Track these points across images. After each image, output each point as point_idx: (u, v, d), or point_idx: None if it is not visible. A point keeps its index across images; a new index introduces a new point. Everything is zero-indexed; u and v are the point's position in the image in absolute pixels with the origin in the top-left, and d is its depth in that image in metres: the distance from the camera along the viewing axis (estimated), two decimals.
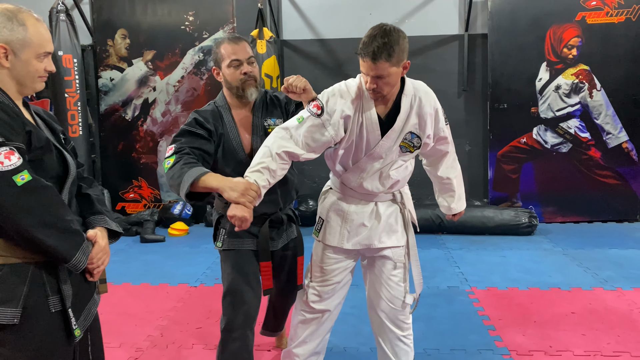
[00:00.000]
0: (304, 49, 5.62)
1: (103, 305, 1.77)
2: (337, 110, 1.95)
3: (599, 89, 5.25)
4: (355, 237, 2.13)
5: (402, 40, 1.87)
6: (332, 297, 2.23)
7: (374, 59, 1.82)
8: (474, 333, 2.96)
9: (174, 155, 1.92)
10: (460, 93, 5.57)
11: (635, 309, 3.24)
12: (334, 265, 2.18)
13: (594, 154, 5.33)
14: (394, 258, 2.16)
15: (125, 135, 5.73)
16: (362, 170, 2.06)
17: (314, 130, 1.95)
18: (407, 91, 2.01)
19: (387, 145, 2.01)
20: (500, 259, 4.29)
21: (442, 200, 2.39)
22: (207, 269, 4.10)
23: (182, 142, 1.98)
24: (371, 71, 1.85)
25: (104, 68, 5.67)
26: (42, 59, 1.46)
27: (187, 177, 1.82)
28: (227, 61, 2.10)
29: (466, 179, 5.72)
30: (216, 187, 1.82)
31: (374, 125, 1.98)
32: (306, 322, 2.27)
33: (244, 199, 1.79)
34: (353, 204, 2.13)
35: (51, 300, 1.42)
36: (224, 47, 2.11)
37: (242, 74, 2.09)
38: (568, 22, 5.21)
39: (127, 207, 5.79)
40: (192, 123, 2.05)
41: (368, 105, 1.97)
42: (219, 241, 2.19)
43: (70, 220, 1.42)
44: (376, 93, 1.93)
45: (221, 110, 2.15)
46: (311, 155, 1.99)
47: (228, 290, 2.13)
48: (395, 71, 1.87)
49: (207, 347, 2.83)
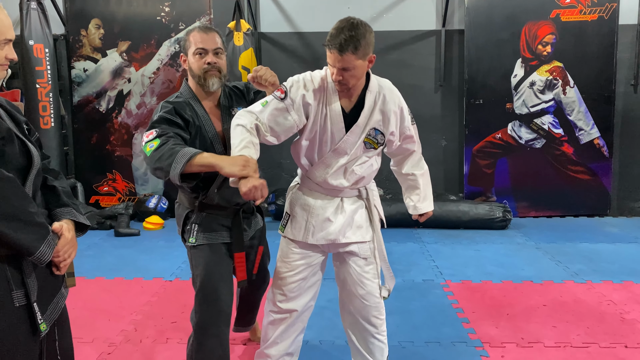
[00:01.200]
0: (282, 41, 5.59)
1: (75, 300, 1.74)
2: (298, 96, 1.97)
3: (572, 86, 5.34)
4: (320, 232, 2.12)
5: (369, 34, 1.90)
6: (299, 296, 2.20)
7: (341, 51, 1.85)
8: (448, 326, 3.00)
9: (157, 139, 1.87)
10: (437, 88, 5.61)
11: (604, 302, 3.31)
12: (298, 261, 2.16)
13: (566, 150, 5.43)
14: (361, 254, 2.15)
15: (99, 128, 5.62)
16: (327, 166, 2.07)
17: (277, 114, 1.97)
18: (372, 87, 2.04)
19: (351, 141, 2.03)
20: (474, 252, 4.35)
21: (408, 199, 2.34)
22: (183, 263, 4.06)
23: (164, 128, 1.93)
24: (337, 63, 1.88)
25: (77, 59, 5.55)
26: (3, 46, 1.41)
27: (180, 155, 1.78)
28: (193, 49, 2.08)
29: (442, 174, 5.85)
30: (214, 163, 1.78)
31: (337, 117, 2.00)
32: (275, 323, 2.25)
33: (247, 170, 1.75)
34: (319, 199, 2.13)
35: (15, 294, 1.38)
36: (192, 35, 2.10)
37: (205, 63, 2.07)
38: (543, 19, 5.29)
39: (101, 200, 5.69)
40: (171, 111, 2.00)
41: (332, 97, 2.00)
42: (192, 237, 2.13)
43: (34, 212, 1.38)
44: (342, 85, 1.95)
45: (191, 102, 2.11)
46: (273, 140, 2.00)
47: (202, 287, 2.09)
48: (360, 64, 1.90)
49: (181, 342, 2.80)
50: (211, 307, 2.07)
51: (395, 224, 4.54)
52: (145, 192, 5.63)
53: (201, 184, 2.07)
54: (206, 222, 2.14)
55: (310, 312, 2.30)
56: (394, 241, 4.55)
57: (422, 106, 5.27)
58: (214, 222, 2.15)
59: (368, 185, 2.19)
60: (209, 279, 2.09)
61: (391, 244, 4.40)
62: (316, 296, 2.28)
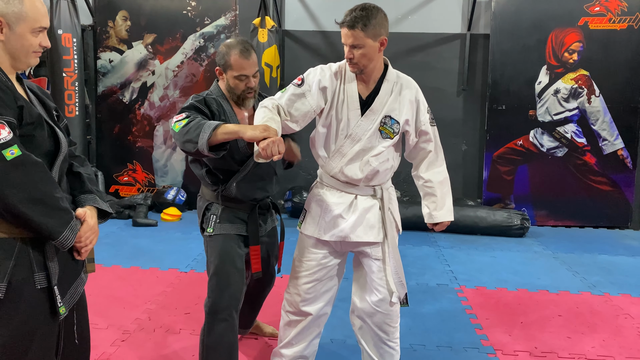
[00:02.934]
0: (305, 39, 5.60)
1: (92, 287, 1.77)
2: (315, 82, 2.04)
3: (598, 95, 5.26)
4: (332, 228, 2.12)
5: (381, 16, 1.98)
6: (315, 300, 2.21)
7: (350, 27, 1.93)
8: (460, 331, 2.98)
9: (186, 118, 1.96)
10: (459, 92, 5.57)
11: (621, 315, 3.26)
12: (313, 261, 2.17)
13: (589, 160, 5.35)
14: (372, 255, 2.14)
15: (122, 118, 5.70)
16: (343, 155, 2.08)
17: (295, 99, 2.03)
18: (390, 77, 2.09)
19: (365, 126, 2.05)
20: (490, 259, 4.31)
21: (425, 207, 2.25)
22: (198, 255, 4.10)
23: (192, 112, 2.04)
24: (348, 39, 1.96)
25: (103, 49, 5.63)
26: (37, 33, 1.45)
27: (206, 126, 1.87)
28: (236, 73, 2.15)
29: (461, 179, 5.80)
30: (237, 130, 1.86)
31: (354, 102, 2.05)
32: (291, 324, 2.27)
33: (267, 133, 1.79)
34: (334, 195, 2.14)
35: (37, 276, 1.41)
36: (234, 58, 2.13)
37: (246, 86, 2.17)
38: (570, 27, 5.21)
39: (120, 190, 5.77)
40: (201, 101, 2.13)
41: (350, 82, 2.07)
42: (210, 227, 2.22)
43: (59, 197, 1.41)
44: (353, 64, 2.00)
45: (221, 101, 2.20)
46: (293, 126, 2.05)
47: (215, 273, 2.16)
48: (371, 44, 1.96)
49: (194, 333, 2.83)
50: (223, 292, 2.11)
51: (411, 226, 4.52)
52: (164, 183, 5.69)
53: (222, 176, 2.18)
54: (224, 215, 2.22)
55: (326, 318, 2.31)
56: (409, 244, 4.53)
57: (443, 110, 5.22)
58: (231, 214, 2.23)
59: (384, 186, 2.17)
60: (222, 266, 2.15)
61: (406, 247, 4.39)
62: (332, 302, 2.28)
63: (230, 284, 2.13)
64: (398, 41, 5.14)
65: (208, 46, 5.49)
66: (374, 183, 2.14)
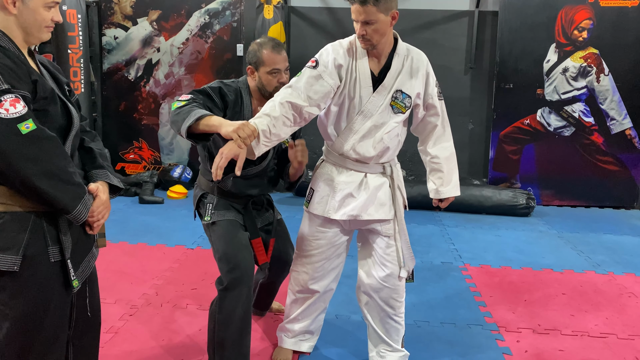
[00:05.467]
0: (312, 16, 5.54)
1: (100, 263, 1.79)
2: (329, 61, 2.01)
3: (607, 74, 5.20)
4: (342, 207, 2.12)
5: None
6: (322, 277, 2.24)
7: (362, 2, 1.89)
8: (464, 308, 3.01)
9: (186, 101, 2.00)
10: (467, 70, 5.52)
11: (625, 293, 3.28)
12: (322, 240, 2.19)
13: (596, 139, 5.32)
14: (383, 232, 2.15)
15: (127, 96, 5.69)
16: (354, 132, 2.06)
17: (313, 82, 1.99)
18: (400, 50, 2.07)
19: (377, 102, 2.03)
20: (495, 238, 4.33)
21: (431, 182, 2.25)
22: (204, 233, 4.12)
23: (198, 97, 2.06)
24: (360, 15, 1.92)
25: (108, 26, 5.59)
26: (50, 8, 1.44)
27: (193, 114, 1.89)
28: (268, 69, 2.16)
29: (467, 158, 5.79)
30: (217, 124, 1.86)
31: (366, 79, 2.03)
32: (297, 302, 2.31)
33: (237, 134, 1.79)
34: (343, 174, 2.13)
35: (51, 250, 1.43)
36: (266, 53, 2.16)
37: (278, 82, 2.17)
38: (581, 4, 5.13)
39: (126, 167, 5.79)
40: (216, 90, 2.14)
41: (361, 59, 2.03)
42: (207, 215, 2.25)
43: (73, 172, 1.42)
44: (366, 41, 1.97)
45: (243, 93, 2.22)
46: (314, 110, 2.00)
47: (224, 253, 2.16)
48: (383, 18, 1.93)
49: (201, 308, 2.87)
50: (233, 271, 2.13)
51: (416, 205, 4.54)
52: (170, 161, 5.70)
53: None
54: (220, 204, 2.27)
55: (331, 294, 2.34)
56: (414, 222, 4.54)
57: (450, 88, 5.18)
58: (227, 203, 2.28)
59: (392, 162, 2.18)
60: (228, 247, 2.16)
61: (411, 225, 4.40)
62: (338, 278, 2.31)
63: (239, 263, 2.14)
64: (405, 18, 5.06)
65: (213, 23, 5.44)
66: (384, 160, 2.14)
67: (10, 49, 1.39)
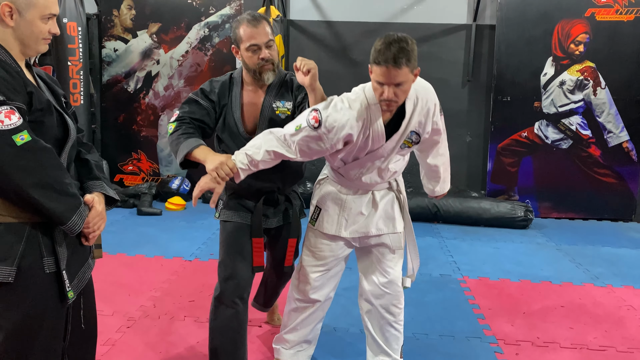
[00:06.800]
0: (310, 30, 5.58)
1: (97, 274, 1.78)
2: (337, 128, 1.90)
3: (604, 87, 5.24)
4: (352, 225, 2.14)
5: (415, 47, 1.83)
6: (323, 286, 2.24)
7: (397, 64, 1.75)
8: (463, 320, 2.99)
9: (175, 122, 2.08)
10: (464, 83, 5.56)
11: (624, 306, 3.27)
12: (327, 252, 2.19)
13: (593, 152, 5.33)
14: (392, 245, 2.17)
15: (126, 107, 5.71)
16: (362, 167, 2.07)
17: (309, 140, 1.92)
18: (410, 95, 1.96)
19: (390, 147, 2.02)
20: (493, 250, 4.32)
21: (427, 183, 2.42)
22: (203, 244, 4.12)
23: (186, 111, 2.10)
24: (392, 79, 1.78)
25: (108, 38, 5.63)
26: (47, 20, 1.45)
27: (182, 147, 1.99)
28: (246, 44, 2.06)
29: (465, 170, 5.79)
30: (202, 159, 1.96)
31: (380, 135, 1.97)
32: (297, 311, 2.30)
33: (215, 172, 1.89)
34: (350, 194, 2.15)
35: (46, 261, 1.43)
36: (243, 28, 2.06)
37: (259, 58, 2.06)
38: (577, 18, 5.18)
39: (125, 179, 5.79)
40: (198, 93, 2.16)
41: (375, 117, 1.94)
42: (217, 212, 2.30)
43: (68, 183, 1.43)
44: (391, 103, 1.85)
45: (233, 83, 2.19)
46: (304, 159, 2.00)
47: (222, 261, 2.19)
48: (411, 78, 1.84)
49: (198, 320, 2.86)
50: (228, 281, 2.13)
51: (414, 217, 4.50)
52: (168, 173, 5.71)
53: None
54: (231, 202, 2.25)
55: (330, 302, 2.34)
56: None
57: (448, 101, 5.18)
58: (238, 203, 2.25)
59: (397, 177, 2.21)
60: (227, 255, 2.17)
61: None
62: (336, 287, 2.32)
63: (235, 273, 2.13)
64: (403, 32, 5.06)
65: (213, 35, 5.48)
66: (391, 179, 2.17)
67: (6, 61, 1.40)
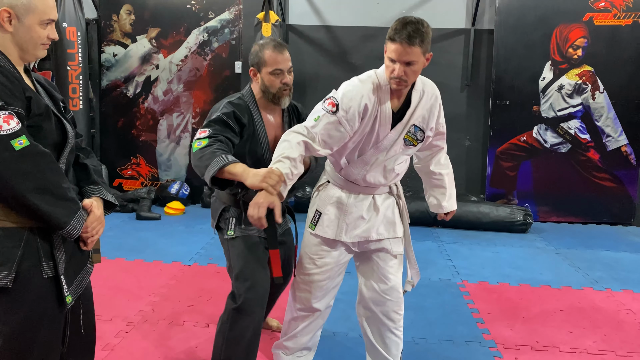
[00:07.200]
0: (309, 34, 5.59)
1: (96, 279, 1.78)
2: (353, 107, 1.92)
3: (602, 91, 5.25)
4: (353, 230, 2.13)
5: (430, 31, 1.89)
6: (324, 296, 2.23)
7: (410, 42, 1.81)
8: (462, 325, 2.99)
9: (207, 139, 1.97)
10: (463, 88, 5.57)
11: (623, 310, 3.27)
12: (327, 259, 2.18)
13: (592, 156, 5.34)
14: (392, 250, 2.17)
15: (125, 112, 5.71)
16: (366, 163, 2.06)
17: (330, 127, 1.93)
18: (417, 86, 2.03)
19: (393, 137, 2.02)
20: (492, 254, 4.32)
21: (432, 198, 2.34)
22: (202, 249, 4.12)
23: (218, 130, 2.02)
24: (404, 56, 1.84)
25: (107, 43, 5.64)
26: (46, 25, 1.46)
27: (217, 160, 1.88)
28: (270, 69, 2.13)
29: (464, 174, 5.80)
30: (240, 172, 1.86)
31: (387, 118, 1.98)
32: (298, 319, 2.29)
33: (266, 183, 1.79)
34: (351, 197, 2.14)
35: (44, 265, 1.43)
36: (268, 54, 2.13)
37: (281, 82, 2.14)
38: (575, 22, 5.20)
39: (124, 183, 5.79)
40: (230, 115, 2.09)
41: (384, 98, 1.97)
42: (230, 230, 2.20)
43: (67, 187, 1.43)
44: (401, 82, 1.90)
45: (251, 108, 2.19)
46: (327, 152, 1.98)
47: (240, 272, 2.14)
48: (422, 60, 1.89)
49: (197, 325, 2.85)
50: (251, 290, 2.11)
51: (414, 221, 4.51)
52: (167, 177, 5.71)
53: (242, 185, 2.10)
54: (243, 217, 2.19)
55: (330, 310, 2.34)
56: (412, 239, 4.52)
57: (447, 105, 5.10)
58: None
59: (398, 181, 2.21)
60: (246, 267, 2.14)
61: None
62: (336, 294, 2.31)
63: (257, 282, 2.13)
64: None
65: (212, 40, 5.49)
66: (392, 183, 2.17)
67: (5, 66, 1.40)
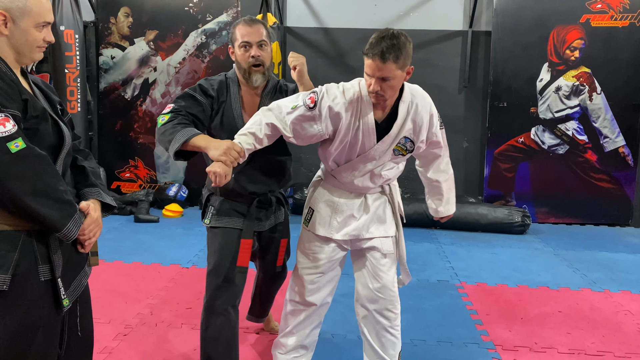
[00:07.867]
0: (307, 36, 5.60)
1: (93, 282, 1.78)
2: (328, 109, 1.96)
3: (599, 93, 5.26)
4: (344, 227, 2.15)
5: (409, 45, 1.90)
6: (319, 290, 2.24)
7: (383, 59, 1.82)
8: (461, 326, 2.99)
9: (170, 114, 2.03)
10: (461, 89, 5.58)
11: (621, 311, 3.27)
12: (320, 254, 2.19)
13: (590, 157, 5.35)
14: (383, 249, 2.18)
15: (123, 114, 5.71)
16: (354, 169, 2.08)
17: (303, 120, 1.98)
18: (405, 97, 2.02)
19: (381, 149, 2.03)
20: (491, 255, 4.32)
21: (431, 202, 2.39)
22: (200, 251, 4.11)
23: (182, 105, 2.07)
24: (377, 72, 1.85)
25: (105, 46, 5.64)
26: (42, 28, 1.46)
27: (179, 135, 1.93)
28: (239, 42, 2.14)
29: (462, 176, 5.81)
30: (204, 146, 1.92)
31: (370, 130, 1.99)
32: (294, 313, 2.29)
33: (225, 157, 1.86)
34: (343, 196, 2.16)
35: (41, 268, 1.43)
36: (238, 27, 2.16)
37: (250, 56, 2.13)
38: (572, 24, 5.21)
39: (122, 186, 5.78)
40: (196, 88, 2.15)
41: (366, 109, 1.98)
42: (207, 218, 2.25)
43: (63, 190, 1.42)
44: (379, 97, 1.91)
45: (230, 82, 2.21)
46: (297, 142, 2.03)
47: (213, 268, 2.16)
48: (399, 75, 1.89)
49: (195, 328, 2.84)
50: (221, 290, 2.12)
51: (412, 223, 4.54)
52: (166, 180, 5.70)
53: None
54: (223, 207, 2.23)
55: (327, 308, 2.34)
56: (410, 240, 4.52)
57: (445, 107, 5.17)
58: (230, 208, 2.23)
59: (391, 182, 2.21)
60: (220, 262, 2.15)
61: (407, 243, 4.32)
62: (333, 292, 2.31)
63: (228, 282, 2.13)
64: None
65: (210, 43, 5.49)
66: (384, 184, 2.18)
67: (1, 69, 1.40)
